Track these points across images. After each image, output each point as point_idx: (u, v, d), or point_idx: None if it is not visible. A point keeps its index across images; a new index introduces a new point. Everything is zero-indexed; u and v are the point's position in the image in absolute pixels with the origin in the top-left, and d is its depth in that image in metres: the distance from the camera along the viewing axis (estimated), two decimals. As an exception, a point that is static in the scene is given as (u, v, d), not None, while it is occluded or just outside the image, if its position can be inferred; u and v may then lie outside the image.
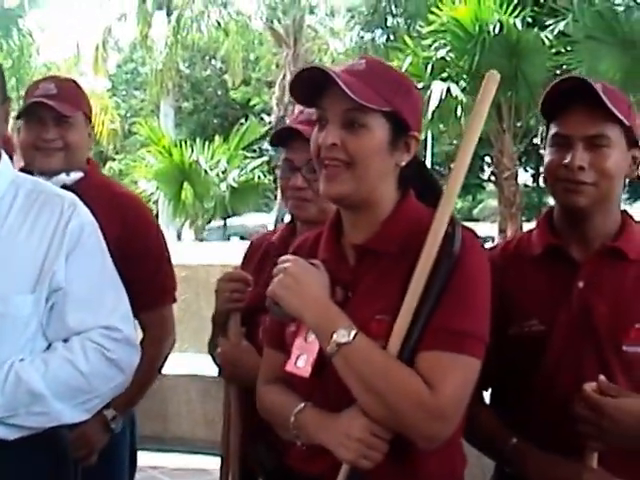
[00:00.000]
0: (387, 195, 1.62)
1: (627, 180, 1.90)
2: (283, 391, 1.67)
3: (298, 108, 2.14)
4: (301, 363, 1.57)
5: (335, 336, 1.48)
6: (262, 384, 1.75)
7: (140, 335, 2.49)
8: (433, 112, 12.75)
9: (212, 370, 2.34)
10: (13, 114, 2.23)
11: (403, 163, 1.61)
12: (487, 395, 2.02)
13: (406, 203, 1.64)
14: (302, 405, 1.59)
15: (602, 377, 1.67)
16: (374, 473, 1.49)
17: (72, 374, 1.69)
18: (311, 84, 1.56)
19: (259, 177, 17.46)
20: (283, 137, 2.11)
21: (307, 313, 1.54)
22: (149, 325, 2.50)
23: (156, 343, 2.50)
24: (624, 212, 1.91)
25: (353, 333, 1.48)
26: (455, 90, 12.79)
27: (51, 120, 2.41)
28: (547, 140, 1.88)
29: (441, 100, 12.71)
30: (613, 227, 1.86)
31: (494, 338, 1.82)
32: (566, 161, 1.79)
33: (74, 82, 2.61)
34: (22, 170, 2.49)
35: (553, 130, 1.85)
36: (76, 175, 2.46)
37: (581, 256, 1.84)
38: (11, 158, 1.97)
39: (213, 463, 2.56)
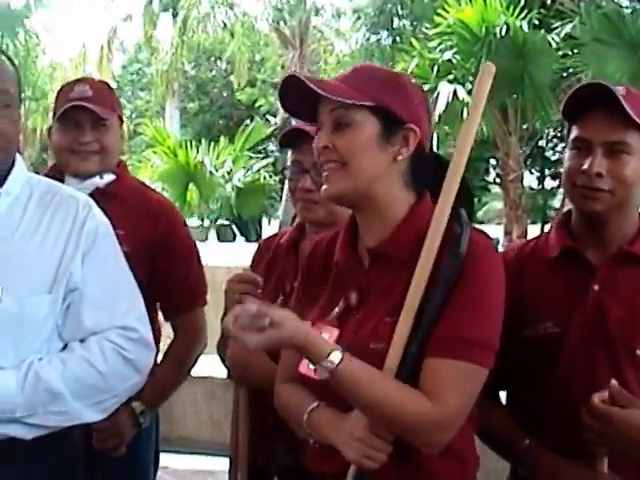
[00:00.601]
0: (394, 193, 1.62)
1: None
2: (299, 389, 1.68)
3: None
4: (312, 365, 1.58)
5: (320, 371, 1.49)
6: (280, 382, 1.76)
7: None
8: (439, 114, 12.74)
9: (218, 371, 2.35)
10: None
11: (401, 157, 1.60)
12: (503, 395, 2.02)
13: (420, 206, 1.63)
14: (315, 404, 1.61)
15: (614, 382, 1.66)
16: (379, 473, 1.50)
17: (90, 373, 1.70)
18: (306, 98, 1.58)
19: (264, 178, 17.48)
20: (291, 139, 2.11)
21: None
22: (180, 328, 2.53)
23: (187, 345, 2.52)
24: None
25: (335, 362, 1.47)
26: (461, 92, 12.77)
27: (88, 123, 2.40)
28: (568, 143, 1.87)
29: (447, 102, 12.70)
30: (630, 231, 1.85)
31: (509, 339, 1.82)
32: (584, 167, 1.78)
33: (107, 84, 2.60)
34: (51, 170, 2.51)
35: (574, 134, 1.85)
36: (109, 178, 2.46)
37: (597, 259, 1.84)
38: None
39: (218, 464, 2.58)
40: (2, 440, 1.65)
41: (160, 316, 2.60)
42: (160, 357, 2.45)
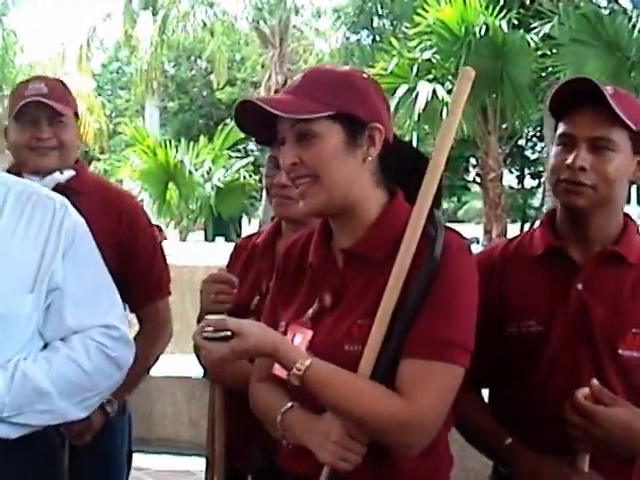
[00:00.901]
0: (367, 193, 1.60)
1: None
2: (273, 389, 1.67)
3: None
4: None
5: (290, 377, 1.50)
6: (254, 382, 1.75)
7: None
8: (419, 114, 12.78)
9: (198, 371, 2.33)
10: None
11: (370, 158, 1.58)
12: (484, 392, 2.03)
13: (393, 206, 1.62)
14: (289, 405, 1.60)
15: (595, 382, 1.67)
16: (353, 474, 1.50)
17: (76, 372, 1.71)
18: (263, 117, 1.55)
19: (244, 177, 17.45)
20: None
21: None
22: (145, 320, 2.54)
23: (153, 336, 2.53)
24: (626, 215, 1.90)
25: (302, 370, 1.48)
26: (441, 92, 12.82)
27: (45, 119, 2.40)
28: (555, 139, 1.88)
29: (427, 101, 12.74)
30: (614, 230, 1.85)
31: (492, 336, 1.82)
32: (568, 161, 1.78)
33: (61, 82, 2.60)
34: (9, 171, 2.49)
35: (560, 130, 1.85)
36: (69, 173, 2.46)
37: (581, 258, 1.84)
38: None
39: (198, 464, 2.56)
40: None
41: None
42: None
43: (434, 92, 12.81)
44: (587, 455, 1.69)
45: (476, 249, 1.93)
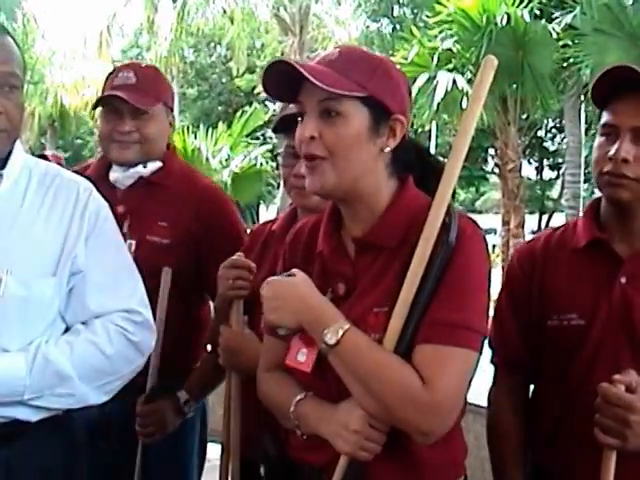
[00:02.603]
0: (380, 184, 1.59)
1: None
2: (284, 379, 1.66)
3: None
4: (301, 357, 1.56)
5: (323, 337, 1.47)
6: (263, 371, 1.73)
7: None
8: (438, 103, 12.72)
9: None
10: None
11: (388, 148, 1.57)
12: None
13: (404, 193, 1.61)
14: (303, 395, 1.58)
15: (617, 376, 1.61)
16: (372, 464, 1.49)
17: (97, 356, 1.71)
18: (288, 79, 1.52)
19: (261, 164, 17.43)
20: (287, 124, 2.08)
21: (302, 322, 1.53)
22: None
23: None
24: None
25: (341, 333, 1.46)
26: (461, 81, 12.75)
27: (127, 112, 2.36)
28: (598, 129, 1.83)
29: (446, 91, 12.67)
30: None
31: (535, 329, 1.80)
32: (611, 153, 1.74)
33: (155, 69, 2.56)
34: (101, 158, 2.50)
35: (603, 120, 1.80)
36: (154, 166, 2.44)
37: (625, 252, 1.80)
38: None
39: (214, 451, 2.56)
40: (7, 422, 1.65)
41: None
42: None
43: (454, 82, 12.74)
44: (614, 452, 1.63)
45: (493, 240, 1.91)
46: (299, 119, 1.58)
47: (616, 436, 1.60)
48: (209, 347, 2.27)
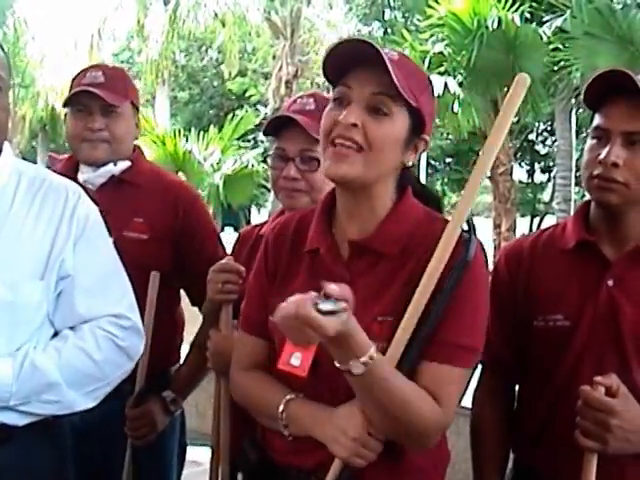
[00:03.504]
0: (387, 191, 1.60)
1: None
2: (266, 378, 1.64)
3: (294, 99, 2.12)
4: (295, 361, 1.52)
5: (350, 366, 1.39)
6: (239, 370, 1.71)
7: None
8: (430, 106, 12.73)
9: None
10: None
11: (410, 163, 1.59)
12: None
13: (405, 202, 1.61)
14: (293, 395, 1.56)
15: (598, 378, 1.63)
16: (366, 468, 1.48)
17: (85, 362, 1.71)
18: (341, 60, 1.51)
19: (253, 166, 17.42)
20: (277, 126, 2.08)
21: (332, 346, 1.40)
22: None
23: None
24: None
25: (368, 361, 1.38)
26: (452, 85, 12.78)
27: (98, 109, 2.37)
28: (590, 132, 1.83)
29: (438, 95, 12.68)
30: None
31: (518, 328, 1.83)
32: (601, 157, 1.74)
33: (122, 71, 2.57)
34: (69, 159, 2.50)
35: (594, 123, 1.81)
36: (123, 164, 2.44)
37: (613, 254, 1.80)
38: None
39: (204, 455, 2.55)
40: None
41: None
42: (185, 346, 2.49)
43: (445, 85, 12.76)
44: (595, 455, 1.64)
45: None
46: (334, 104, 1.55)
47: (597, 439, 1.61)
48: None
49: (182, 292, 2.60)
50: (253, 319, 1.71)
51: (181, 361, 2.54)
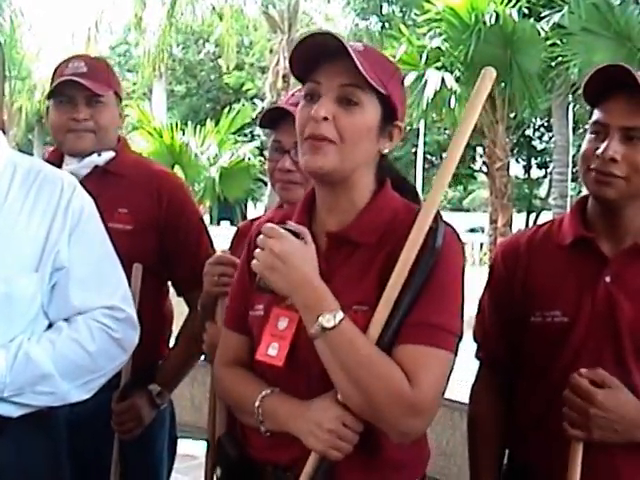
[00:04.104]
0: (367, 181, 1.60)
1: None
2: (246, 374, 1.63)
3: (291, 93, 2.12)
4: (273, 351, 1.53)
5: (320, 319, 1.44)
6: (221, 366, 1.70)
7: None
8: (427, 102, 12.74)
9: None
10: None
11: (386, 150, 1.59)
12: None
13: (383, 193, 1.61)
14: (269, 390, 1.55)
15: (584, 370, 1.66)
16: (342, 462, 1.47)
17: (79, 354, 1.70)
18: (309, 56, 1.52)
19: (249, 159, 17.42)
20: (273, 118, 2.08)
21: (295, 295, 1.49)
22: (195, 303, 2.42)
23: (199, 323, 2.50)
24: None
25: (339, 318, 1.44)
26: (449, 80, 12.80)
27: (82, 99, 2.35)
28: (588, 127, 1.83)
29: (435, 89, 12.71)
30: None
31: (515, 324, 1.82)
32: (599, 151, 1.74)
33: (104, 61, 2.56)
34: (54, 151, 2.48)
35: (593, 117, 1.80)
36: (107, 155, 2.42)
37: (611, 251, 1.80)
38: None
39: (200, 448, 2.56)
40: None
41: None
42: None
43: (443, 80, 12.78)
44: (581, 444, 1.66)
45: (481, 238, 1.91)
46: (305, 100, 1.56)
47: (580, 428, 1.64)
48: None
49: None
50: (235, 315, 1.71)
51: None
